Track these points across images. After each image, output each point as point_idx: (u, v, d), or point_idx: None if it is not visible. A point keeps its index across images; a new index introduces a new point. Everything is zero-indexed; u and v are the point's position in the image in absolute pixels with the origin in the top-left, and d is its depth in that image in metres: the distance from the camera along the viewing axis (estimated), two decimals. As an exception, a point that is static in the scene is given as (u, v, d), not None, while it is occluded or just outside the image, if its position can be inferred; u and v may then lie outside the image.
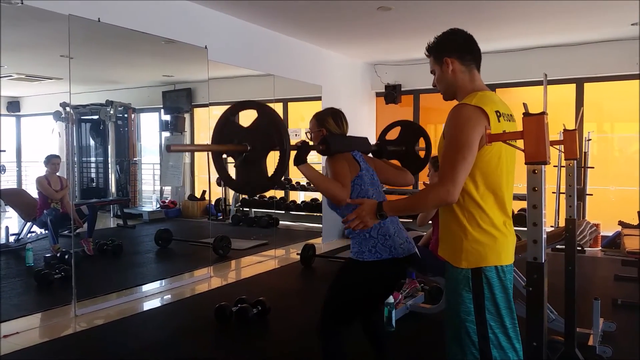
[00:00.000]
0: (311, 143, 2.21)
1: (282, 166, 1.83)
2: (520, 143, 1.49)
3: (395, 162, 2.67)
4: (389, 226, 2.22)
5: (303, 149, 2.03)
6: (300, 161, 2.02)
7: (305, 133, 2.46)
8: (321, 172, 2.22)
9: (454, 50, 1.80)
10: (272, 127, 1.83)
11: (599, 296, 3.36)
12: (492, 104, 1.71)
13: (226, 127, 1.94)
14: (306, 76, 6.64)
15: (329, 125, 2.39)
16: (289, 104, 7.62)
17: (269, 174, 1.85)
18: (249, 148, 1.85)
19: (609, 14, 5.24)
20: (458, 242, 1.72)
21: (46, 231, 5.54)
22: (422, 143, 2.78)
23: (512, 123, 1.79)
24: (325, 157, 2.27)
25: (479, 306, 1.68)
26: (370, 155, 2.55)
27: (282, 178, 1.85)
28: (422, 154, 2.77)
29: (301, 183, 7.74)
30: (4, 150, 6.17)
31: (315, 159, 6.32)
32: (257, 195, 8.19)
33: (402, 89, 7.94)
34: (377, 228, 2.20)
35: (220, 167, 2.02)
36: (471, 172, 1.67)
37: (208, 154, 7.25)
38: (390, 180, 2.52)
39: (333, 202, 2.17)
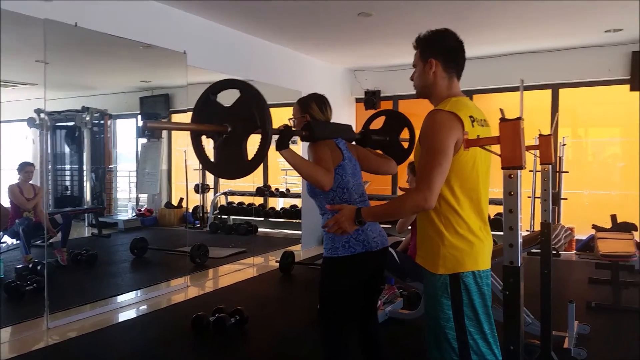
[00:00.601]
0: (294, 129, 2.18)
1: (264, 149, 1.77)
2: (496, 148, 1.50)
3: (378, 152, 2.63)
4: None
5: (285, 133, 1.98)
6: (283, 146, 1.97)
7: (289, 120, 2.38)
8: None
9: (441, 53, 1.80)
10: (254, 108, 1.76)
11: (574, 299, 3.40)
12: (466, 109, 1.72)
13: (206, 107, 1.87)
14: (286, 82, 6.63)
15: (313, 111, 2.34)
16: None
17: (249, 158, 1.79)
18: (229, 129, 1.78)
19: (584, 21, 5.36)
20: (435, 248, 1.72)
21: (18, 241, 5.39)
22: (405, 134, 2.77)
23: (486, 128, 1.80)
24: (308, 143, 2.23)
25: (457, 312, 1.68)
26: (353, 143, 2.51)
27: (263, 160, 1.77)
28: (405, 145, 2.76)
29: (280, 190, 7.71)
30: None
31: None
32: (236, 202, 8.13)
33: (382, 95, 7.99)
34: None
35: (199, 148, 1.94)
36: (447, 177, 1.68)
37: (186, 164, 7.20)
38: (374, 169, 2.47)
39: (317, 187, 2.12)
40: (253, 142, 1.83)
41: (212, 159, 1.91)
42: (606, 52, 6.37)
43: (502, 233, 1.52)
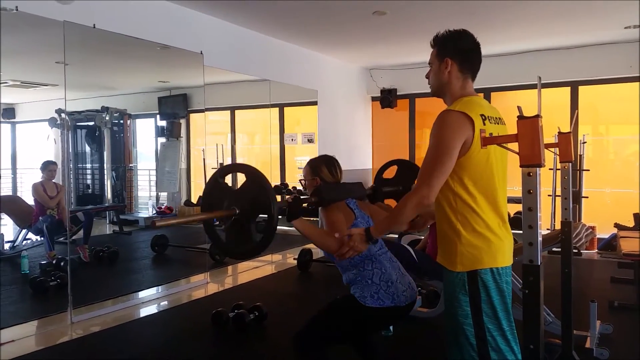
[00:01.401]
0: (303, 189, 2.21)
1: (270, 232, 1.83)
2: (515, 146, 1.49)
3: (392, 202, 2.65)
4: (391, 272, 2.19)
5: (294, 205, 2.02)
6: (293, 217, 2.01)
7: (300, 181, 2.48)
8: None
9: (457, 54, 1.81)
10: (259, 192, 1.84)
11: (596, 298, 3.36)
12: (478, 108, 1.73)
13: (215, 189, 1.96)
14: (302, 81, 6.65)
15: (323, 174, 2.40)
16: (285, 108, 7.63)
17: (258, 240, 1.85)
18: (237, 212, 1.86)
19: (603, 17, 5.28)
20: (452, 246, 1.73)
21: (42, 238, 5.51)
22: None
23: (500, 126, 1.81)
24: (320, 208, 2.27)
25: (476, 309, 1.69)
26: (366, 200, 2.55)
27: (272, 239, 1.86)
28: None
29: (297, 188, 7.73)
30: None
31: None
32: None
33: (398, 93, 7.96)
34: (378, 274, 2.15)
35: (211, 230, 2.02)
36: (458, 176, 1.69)
37: (204, 163, 7.27)
38: None
39: (330, 254, 2.13)
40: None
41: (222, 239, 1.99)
42: (626, 49, 6.26)
43: (521, 232, 1.52)
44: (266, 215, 1.83)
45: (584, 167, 6.33)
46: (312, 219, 3.35)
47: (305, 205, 2.11)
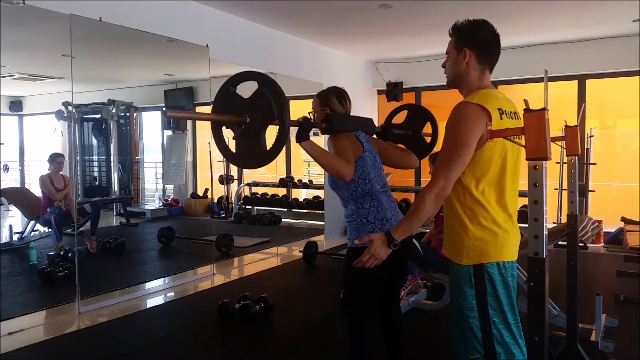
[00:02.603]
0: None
1: (281, 140, 1.79)
2: (522, 139, 1.49)
3: (400, 146, 2.62)
4: (387, 211, 2.21)
5: (305, 125, 1.99)
6: (302, 138, 1.98)
7: (309, 113, 2.38)
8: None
9: (477, 45, 1.78)
10: (272, 99, 1.78)
11: (602, 292, 3.36)
12: (495, 101, 1.71)
13: (226, 98, 1.90)
14: (307, 74, 6.64)
15: (332, 104, 2.34)
16: (291, 101, 7.61)
17: (268, 147, 1.81)
18: (248, 120, 1.81)
19: (611, 10, 5.23)
20: (459, 239, 1.73)
21: (50, 229, 5.56)
22: (428, 128, 2.76)
23: (516, 121, 1.77)
24: (328, 136, 2.24)
25: (481, 302, 1.69)
26: (374, 136, 2.51)
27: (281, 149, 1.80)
28: (428, 139, 2.74)
29: (303, 181, 7.75)
30: (2, 143, 6.19)
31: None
32: (259, 193, 8.22)
33: (404, 87, 7.93)
34: (374, 213, 2.18)
35: (219, 138, 1.97)
36: (472, 170, 1.68)
37: (210, 155, 7.29)
38: (394, 162, 2.47)
39: (337, 178, 2.13)
40: (273, 134, 1.86)
41: (232, 150, 1.95)
42: (634, 42, 6.20)
43: (527, 225, 1.52)
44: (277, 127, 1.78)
45: (591, 160, 6.30)
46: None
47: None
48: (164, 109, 6.68)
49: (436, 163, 1.69)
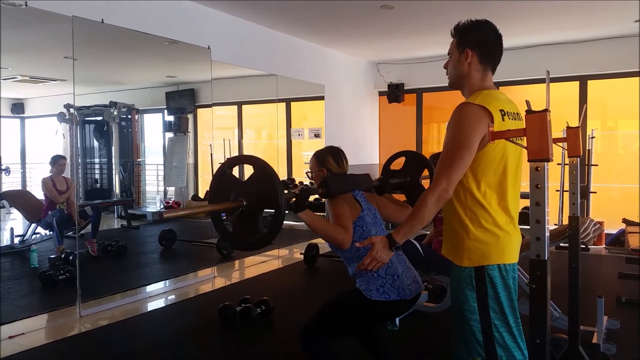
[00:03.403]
0: (309, 182, 2.21)
1: (277, 225, 1.82)
2: (524, 141, 1.49)
3: (400, 196, 2.65)
4: (397, 266, 2.18)
5: (302, 196, 2.02)
6: (300, 208, 2.01)
7: (306, 173, 2.46)
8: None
9: (479, 46, 1.77)
10: (267, 184, 1.83)
11: (603, 294, 3.35)
12: (497, 102, 1.70)
13: (223, 181, 1.96)
14: (309, 75, 6.65)
15: (329, 165, 2.40)
16: (292, 103, 7.63)
17: (265, 231, 1.85)
18: (244, 203, 1.85)
19: (613, 11, 5.23)
20: (460, 241, 1.72)
21: (51, 232, 5.56)
22: (426, 173, 2.77)
23: (518, 122, 1.76)
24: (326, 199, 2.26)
25: (482, 305, 1.68)
26: (373, 191, 2.53)
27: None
28: (426, 184, 2.75)
29: (304, 183, 7.74)
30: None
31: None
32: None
33: (405, 88, 7.94)
34: (384, 268, 2.14)
35: (218, 221, 2.02)
36: (473, 171, 1.68)
37: (212, 157, 7.29)
38: (392, 218, 2.48)
39: (336, 246, 2.15)
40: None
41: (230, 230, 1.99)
42: (636, 43, 6.20)
43: (529, 227, 1.52)
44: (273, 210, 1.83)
45: (593, 162, 6.29)
46: (319, 214, 3.36)
47: (311, 199, 2.11)
48: (170, 113, 6.68)
49: (438, 165, 1.68)
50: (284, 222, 1.84)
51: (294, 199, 2.01)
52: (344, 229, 2.12)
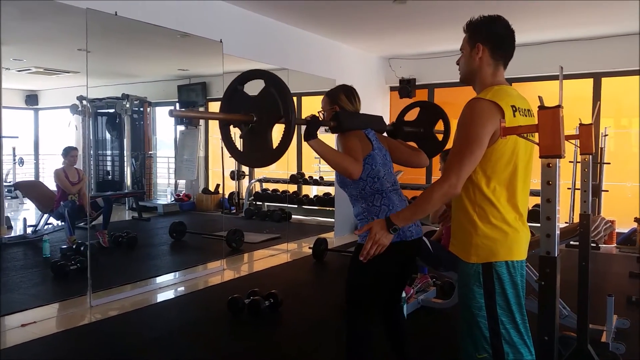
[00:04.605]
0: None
1: (287, 139, 1.79)
2: (536, 137, 1.48)
3: (412, 143, 2.60)
4: (399, 209, 2.19)
5: (312, 123, 2.00)
6: (310, 136, 1.98)
7: (318, 112, 2.38)
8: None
9: (490, 40, 1.76)
10: (279, 98, 1.78)
11: (613, 293, 3.32)
12: (508, 98, 1.69)
13: (234, 97, 1.91)
14: (320, 70, 6.64)
15: (342, 102, 2.34)
16: (303, 97, 7.63)
17: (274, 146, 1.82)
18: (255, 119, 1.82)
19: (627, 7, 5.15)
20: (468, 237, 1.72)
21: (63, 223, 5.62)
22: (440, 126, 2.73)
23: (529, 118, 1.75)
24: (337, 134, 2.24)
25: (490, 301, 1.68)
26: (384, 134, 2.49)
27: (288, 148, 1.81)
28: (440, 137, 2.72)
29: (314, 177, 7.75)
30: (17, 137, 6.26)
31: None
32: (270, 189, 8.24)
33: (417, 83, 7.90)
34: (385, 211, 2.17)
35: (227, 136, 1.98)
36: (483, 167, 1.67)
37: (222, 151, 7.32)
38: (404, 161, 2.45)
39: (345, 176, 2.13)
40: (281, 131, 1.86)
41: (239, 148, 1.96)
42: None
43: (539, 224, 1.51)
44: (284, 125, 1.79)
45: (605, 160, 6.22)
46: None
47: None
48: (182, 106, 6.71)
49: (448, 160, 1.68)
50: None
51: (304, 126, 1.98)
52: (355, 160, 2.09)
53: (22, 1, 3.63)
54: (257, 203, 8.21)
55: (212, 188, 7.64)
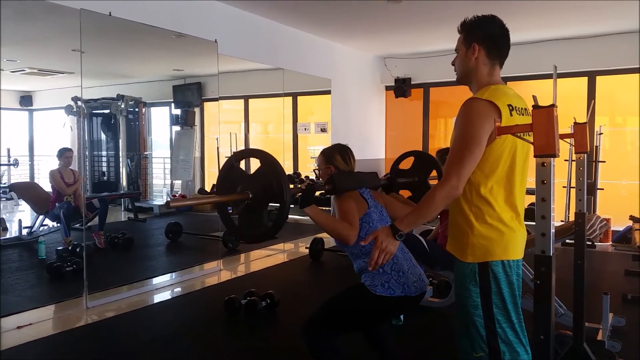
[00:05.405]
0: (317, 178, 2.22)
1: (282, 219, 1.84)
2: (531, 136, 1.48)
3: (407, 192, 2.66)
4: (403, 263, 2.19)
5: (308, 191, 2.04)
6: (306, 204, 2.02)
7: (313, 170, 2.48)
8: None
9: (485, 40, 1.77)
10: (273, 178, 1.84)
11: (609, 291, 3.33)
12: (505, 98, 1.69)
13: (230, 173, 1.98)
14: (315, 70, 6.63)
15: (337, 162, 2.41)
16: (298, 97, 7.63)
17: (269, 225, 1.87)
18: (250, 196, 1.87)
19: (622, 6, 5.17)
20: (464, 236, 1.72)
21: (58, 224, 5.60)
22: (434, 173, 2.78)
23: (526, 117, 1.76)
24: (333, 197, 2.27)
25: (486, 300, 1.68)
26: (380, 189, 2.54)
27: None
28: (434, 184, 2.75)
29: (310, 177, 7.74)
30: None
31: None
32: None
33: (412, 83, 7.91)
34: (390, 264, 2.14)
35: (224, 214, 2.05)
36: (480, 167, 1.67)
37: (218, 151, 7.31)
38: (399, 216, 2.48)
39: (341, 242, 2.16)
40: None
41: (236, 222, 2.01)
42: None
43: (534, 223, 1.51)
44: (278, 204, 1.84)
45: (600, 158, 6.25)
46: (324, 208, 3.37)
47: (318, 194, 2.12)
48: (177, 106, 6.70)
49: (447, 161, 1.68)
50: (290, 216, 1.85)
51: (299, 194, 2.03)
52: (350, 225, 2.12)
53: (16, 1, 3.61)
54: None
55: (208, 188, 7.62)
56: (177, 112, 6.79)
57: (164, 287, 4.60)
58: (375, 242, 1.74)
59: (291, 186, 1.91)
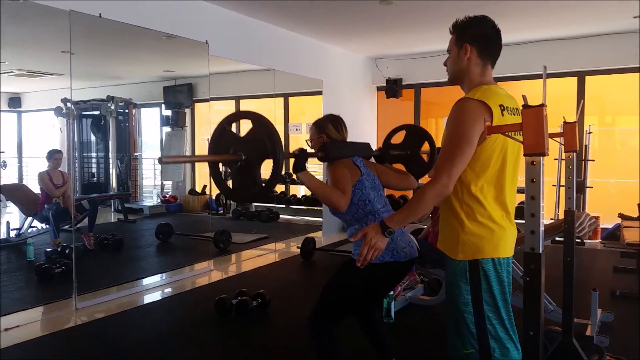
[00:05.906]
0: (311, 150, 2.22)
1: (276, 175, 1.85)
2: (521, 136, 1.49)
3: (399, 166, 2.65)
4: None
5: (300, 156, 2.05)
6: (299, 169, 2.03)
7: (306, 141, 2.46)
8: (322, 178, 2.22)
9: (477, 40, 1.78)
10: (266, 137, 1.85)
11: (598, 287, 3.37)
12: (496, 98, 1.71)
13: (222, 137, 1.97)
14: (307, 70, 6.64)
15: (329, 131, 2.41)
16: (290, 98, 7.63)
17: (263, 183, 1.87)
18: (243, 157, 1.87)
19: (611, 6, 5.23)
20: (455, 234, 1.73)
21: (47, 226, 5.56)
22: (426, 147, 2.77)
23: (518, 117, 1.76)
24: (326, 163, 2.28)
25: (476, 297, 1.70)
26: (372, 160, 2.54)
27: (278, 184, 1.85)
28: (426, 157, 2.76)
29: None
30: (3, 152, 6.19)
31: (316, 168, 6.37)
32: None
33: (403, 83, 7.93)
34: None
35: (216, 175, 2.04)
36: (472, 166, 1.68)
37: (208, 142, 7.31)
38: (392, 185, 2.50)
39: (333, 209, 2.17)
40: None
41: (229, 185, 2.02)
42: (635, 39, 6.20)
43: (524, 221, 1.52)
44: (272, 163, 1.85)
45: (589, 157, 6.31)
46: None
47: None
48: (167, 108, 6.67)
49: (438, 160, 1.69)
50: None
51: (292, 160, 2.03)
52: (342, 192, 2.14)
53: (4, 1, 3.58)
54: (245, 203, 8.19)
55: (199, 189, 7.61)
56: (168, 113, 6.77)
57: (154, 288, 4.58)
58: (365, 239, 1.76)
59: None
